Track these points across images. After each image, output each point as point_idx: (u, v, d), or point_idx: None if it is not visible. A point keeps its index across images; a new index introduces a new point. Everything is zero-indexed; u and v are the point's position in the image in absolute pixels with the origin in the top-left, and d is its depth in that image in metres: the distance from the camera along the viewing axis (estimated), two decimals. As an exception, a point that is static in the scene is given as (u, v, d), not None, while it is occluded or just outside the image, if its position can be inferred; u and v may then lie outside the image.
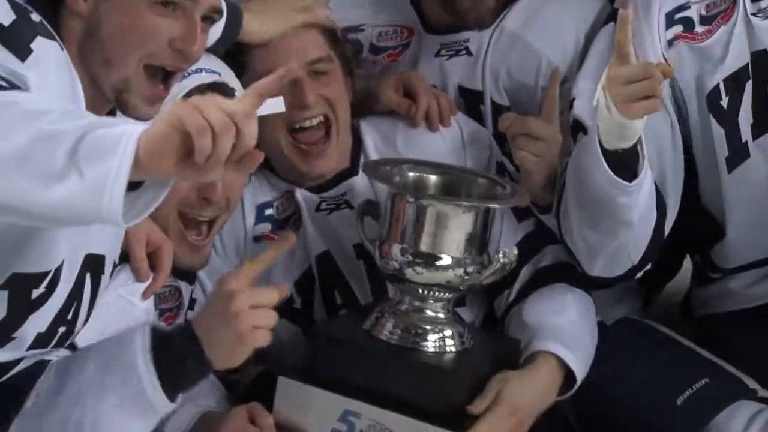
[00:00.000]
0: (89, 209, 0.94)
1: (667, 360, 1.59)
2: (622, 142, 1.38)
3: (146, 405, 1.22)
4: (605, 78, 1.35)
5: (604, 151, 1.40)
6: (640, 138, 1.38)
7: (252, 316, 1.21)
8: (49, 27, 1.23)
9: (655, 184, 1.51)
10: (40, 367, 1.27)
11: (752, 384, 1.52)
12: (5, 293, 1.18)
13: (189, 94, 1.39)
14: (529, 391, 1.45)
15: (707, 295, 1.74)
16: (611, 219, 1.47)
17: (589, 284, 1.58)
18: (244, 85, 1.51)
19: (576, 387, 1.48)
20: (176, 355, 1.23)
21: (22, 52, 1.17)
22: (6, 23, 1.16)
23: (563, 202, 1.53)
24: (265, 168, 1.62)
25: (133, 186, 0.94)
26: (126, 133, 0.94)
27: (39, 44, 1.19)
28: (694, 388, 1.52)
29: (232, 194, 1.48)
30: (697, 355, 1.59)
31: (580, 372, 1.47)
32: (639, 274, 1.58)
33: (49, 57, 1.20)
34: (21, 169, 0.96)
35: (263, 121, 1.51)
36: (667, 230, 1.55)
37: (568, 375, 1.47)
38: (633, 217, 1.46)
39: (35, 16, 1.22)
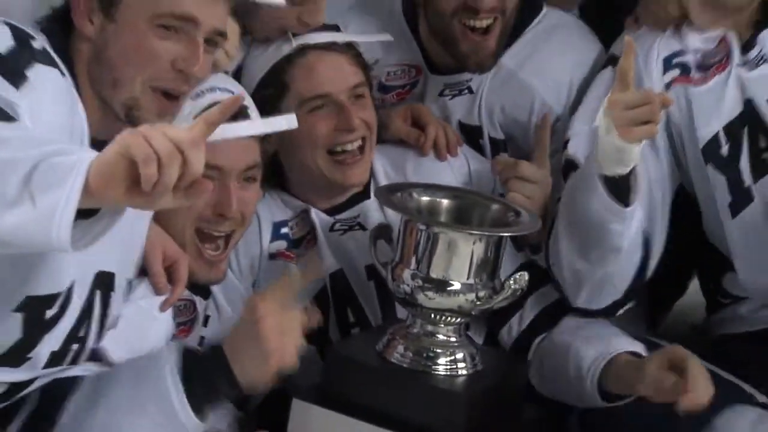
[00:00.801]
0: (40, 236, 0.96)
1: None
2: (619, 168, 1.43)
3: (179, 426, 1.27)
4: (607, 102, 1.39)
5: (601, 176, 1.45)
6: (634, 167, 1.43)
7: (279, 337, 1.25)
8: (51, 53, 1.27)
9: None
10: (72, 381, 1.32)
11: (749, 390, 1.57)
12: (20, 316, 1.22)
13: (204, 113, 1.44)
14: None
15: (720, 318, 1.78)
16: (602, 246, 1.53)
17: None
18: (287, 107, 1.59)
19: None
20: (206, 376, 1.27)
21: (17, 80, 1.21)
22: (3, 51, 1.20)
23: (553, 233, 1.57)
24: (279, 187, 1.68)
25: (88, 213, 0.95)
26: (79, 161, 0.95)
27: (36, 71, 1.22)
28: None
29: (247, 209, 1.52)
30: None
31: None
32: (621, 311, 1.63)
33: (45, 84, 1.24)
34: None
35: (296, 143, 1.57)
36: (651, 270, 1.60)
37: None
38: (623, 244, 1.52)
39: (37, 44, 1.25)
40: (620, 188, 1.48)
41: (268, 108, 1.59)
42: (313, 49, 1.65)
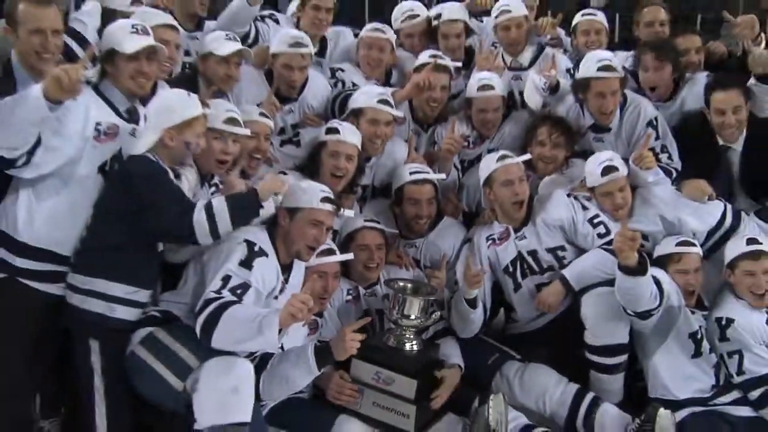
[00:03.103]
0: (264, 347, 2.87)
1: (484, 348, 3.65)
2: (470, 295, 3.47)
3: (311, 373, 3.00)
4: (464, 275, 3.42)
5: (464, 299, 3.44)
6: (477, 294, 3.47)
7: (349, 344, 2.97)
8: (264, 248, 2.99)
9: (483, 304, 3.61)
10: (271, 354, 3.11)
11: (517, 356, 3.61)
12: None
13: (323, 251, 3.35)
14: None
15: (509, 327, 3.87)
16: (468, 321, 3.54)
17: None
18: (351, 248, 3.50)
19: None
20: (323, 354, 2.99)
21: (249, 269, 2.95)
22: (243, 257, 2.94)
23: (451, 313, 3.58)
24: (346, 276, 3.60)
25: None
26: (275, 318, 2.74)
27: (257, 262, 2.96)
28: (493, 358, 3.59)
29: (335, 288, 3.46)
30: (496, 346, 3.68)
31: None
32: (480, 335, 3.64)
33: (260, 266, 2.95)
34: (243, 338, 2.77)
35: (353, 261, 3.63)
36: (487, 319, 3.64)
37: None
38: (476, 319, 3.55)
39: (257, 247, 2.97)
40: (472, 301, 3.46)
41: (345, 244, 3.53)
42: (367, 228, 3.58)
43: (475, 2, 4.55)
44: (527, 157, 3.83)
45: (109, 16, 3.58)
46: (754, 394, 3.45)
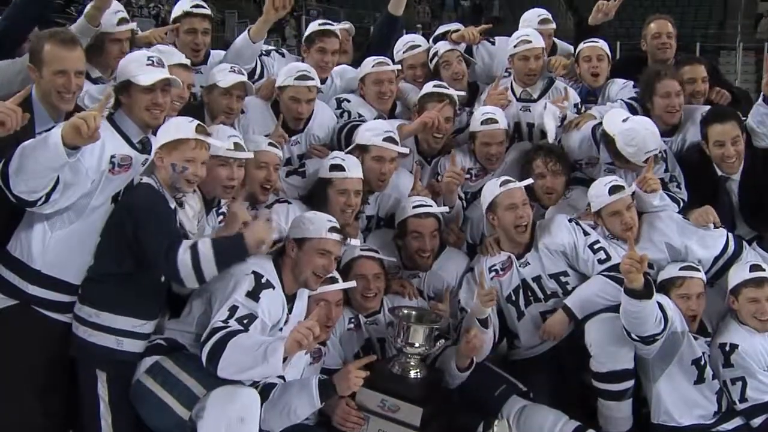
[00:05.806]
0: (269, 374, 2.87)
1: (491, 377, 3.60)
2: (483, 314, 3.43)
3: (314, 406, 3.05)
4: (477, 296, 3.38)
5: (476, 319, 3.42)
6: (490, 314, 3.42)
7: (353, 381, 3.04)
8: (270, 280, 3.00)
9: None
10: (274, 385, 3.15)
11: (521, 386, 3.56)
12: None
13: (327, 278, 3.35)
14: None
15: (512, 354, 3.84)
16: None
17: None
18: (351, 276, 3.46)
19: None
20: (326, 389, 3.04)
21: (256, 300, 2.98)
22: (249, 289, 2.96)
23: (460, 337, 3.50)
24: (348, 305, 3.61)
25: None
26: (281, 346, 2.74)
27: (263, 294, 2.99)
28: (500, 388, 3.55)
29: (338, 316, 3.46)
30: (502, 376, 3.63)
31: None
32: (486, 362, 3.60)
33: (267, 297, 2.98)
34: (249, 365, 2.75)
35: (353, 290, 3.67)
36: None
37: None
38: (488, 339, 3.51)
39: (264, 279, 3.00)
40: (484, 321, 3.44)
41: (344, 273, 3.51)
42: (364, 258, 3.59)
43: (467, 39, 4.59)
44: (530, 181, 3.84)
45: (99, 38, 3.63)
46: (756, 421, 3.44)
